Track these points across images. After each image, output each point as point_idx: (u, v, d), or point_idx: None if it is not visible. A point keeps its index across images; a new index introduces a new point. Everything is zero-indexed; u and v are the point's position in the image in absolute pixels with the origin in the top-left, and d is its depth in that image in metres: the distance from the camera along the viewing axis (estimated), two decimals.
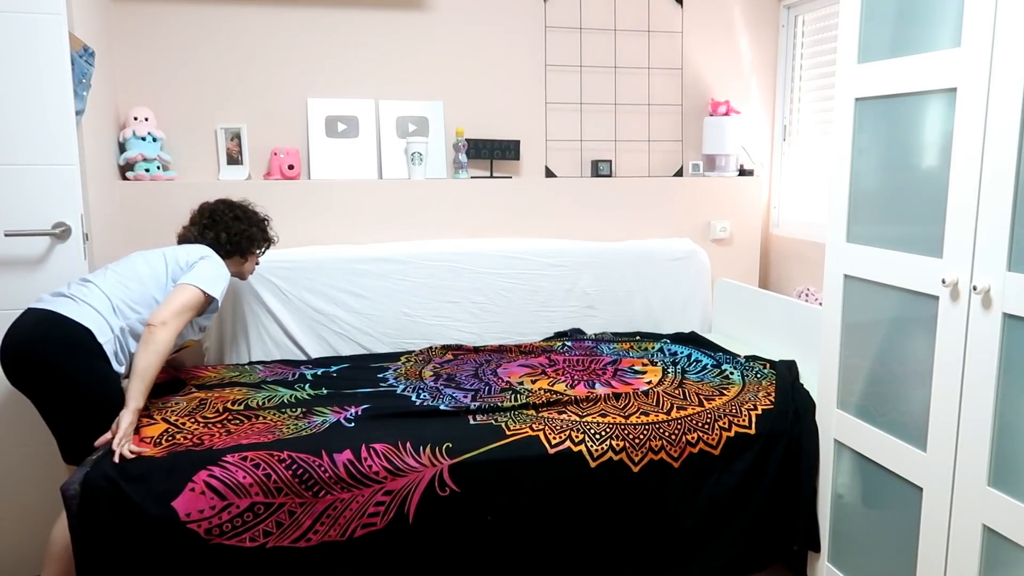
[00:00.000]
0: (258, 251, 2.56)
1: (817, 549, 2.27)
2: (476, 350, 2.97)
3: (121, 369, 2.11)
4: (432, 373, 2.68)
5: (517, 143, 3.33)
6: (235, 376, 2.63)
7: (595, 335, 3.18)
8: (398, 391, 2.48)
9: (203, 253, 2.32)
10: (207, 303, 2.23)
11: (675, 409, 2.31)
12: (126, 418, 1.96)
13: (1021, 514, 1.60)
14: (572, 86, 3.41)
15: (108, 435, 1.95)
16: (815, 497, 2.27)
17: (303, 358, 2.94)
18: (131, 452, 1.91)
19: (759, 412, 2.30)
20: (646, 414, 2.27)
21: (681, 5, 3.47)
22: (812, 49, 3.44)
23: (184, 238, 2.46)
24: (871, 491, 2.07)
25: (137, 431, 2.05)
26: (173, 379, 2.55)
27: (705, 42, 3.52)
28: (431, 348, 2.96)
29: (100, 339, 2.03)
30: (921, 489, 1.86)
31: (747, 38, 3.56)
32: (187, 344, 2.41)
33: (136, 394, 2.01)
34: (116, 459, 1.89)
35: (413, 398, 2.41)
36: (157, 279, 2.23)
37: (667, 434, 2.20)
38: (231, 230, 2.44)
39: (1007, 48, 1.57)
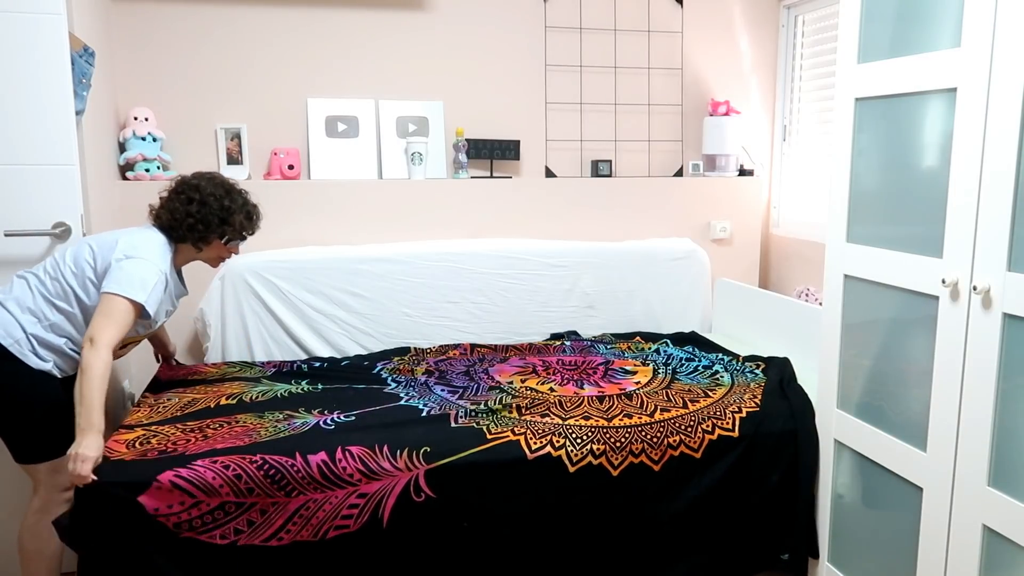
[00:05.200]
0: (221, 241, 2.20)
1: (816, 555, 2.27)
2: (474, 349, 2.97)
3: (46, 365, 2.00)
4: (424, 370, 2.69)
5: (517, 143, 3.33)
6: (236, 372, 2.64)
7: (594, 337, 3.18)
8: (388, 389, 2.48)
9: (131, 250, 2.04)
10: (139, 309, 2.00)
11: (659, 411, 2.29)
12: (75, 445, 1.85)
13: (1021, 514, 1.60)
14: (572, 86, 3.41)
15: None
16: (814, 502, 2.27)
17: (304, 358, 2.94)
18: (88, 474, 1.82)
19: (743, 415, 2.29)
20: (629, 416, 2.26)
21: (681, 5, 3.47)
22: (812, 49, 3.44)
23: (151, 214, 2.22)
24: (871, 491, 2.07)
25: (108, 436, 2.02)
26: (173, 378, 2.55)
27: (705, 42, 3.52)
28: (428, 349, 2.96)
29: (3, 342, 1.95)
30: (921, 489, 1.86)
31: (747, 38, 3.56)
32: (132, 340, 2.18)
33: (82, 420, 1.86)
34: (77, 483, 1.84)
35: (401, 394, 2.42)
36: (80, 273, 2.03)
37: (649, 437, 2.18)
38: (177, 215, 2.13)
39: (1007, 48, 1.57)
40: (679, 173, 3.56)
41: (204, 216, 2.13)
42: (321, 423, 2.17)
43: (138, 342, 2.25)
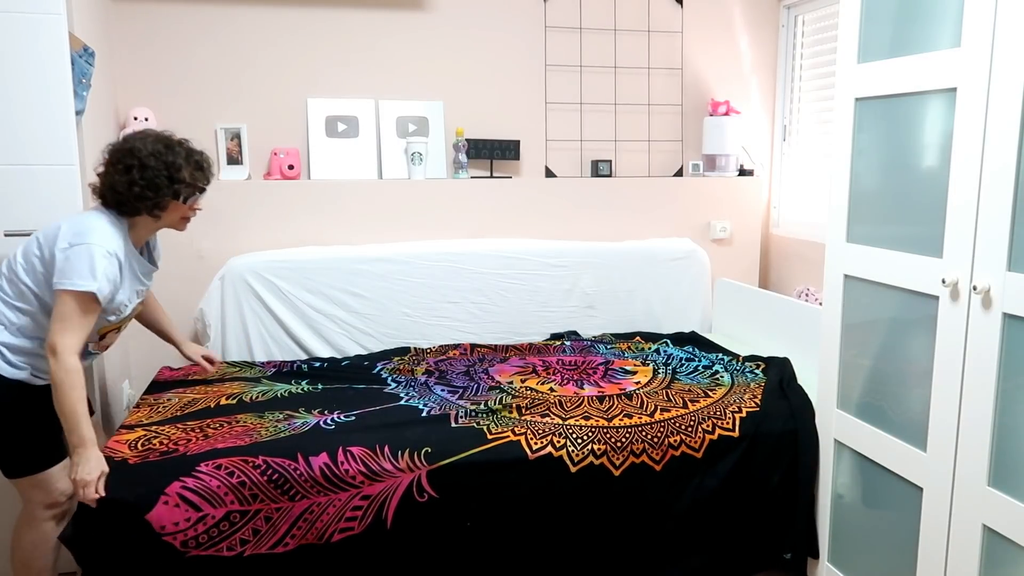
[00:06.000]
0: (178, 201, 1.96)
1: (816, 555, 2.27)
2: (474, 349, 2.97)
3: (21, 373, 1.88)
4: (424, 370, 2.69)
5: (517, 143, 3.33)
6: (236, 372, 2.64)
7: (594, 337, 3.18)
8: (388, 389, 2.48)
9: (73, 236, 1.84)
10: (93, 298, 1.82)
11: (659, 411, 2.29)
12: (73, 468, 1.80)
13: (1021, 514, 1.60)
14: (572, 86, 3.41)
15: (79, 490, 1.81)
16: (814, 502, 2.27)
17: (304, 358, 2.94)
18: (96, 495, 1.80)
19: (743, 415, 2.29)
20: (629, 416, 2.26)
21: (681, 5, 3.47)
22: (812, 49, 3.44)
23: (95, 194, 2.01)
24: (871, 491, 2.07)
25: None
26: (172, 378, 2.55)
27: (705, 42, 3.52)
28: (428, 349, 2.97)
29: None
30: (921, 489, 1.86)
31: (747, 38, 3.56)
32: (109, 329, 2.01)
33: (72, 437, 1.79)
34: (92, 503, 1.81)
35: (401, 394, 2.42)
36: (31, 268, 1.89)
37: (649, 437, 2.18)
38: (120, 187, 1.90)
39: (1007, 48, 1.57)
40: (679, 173, 3.56)
41: (150, 180, 1.89)
42: (321, 423, 2.17)
43: (118, 329, 2.06)
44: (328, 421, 2.18)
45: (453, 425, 2.18)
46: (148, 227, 2.00)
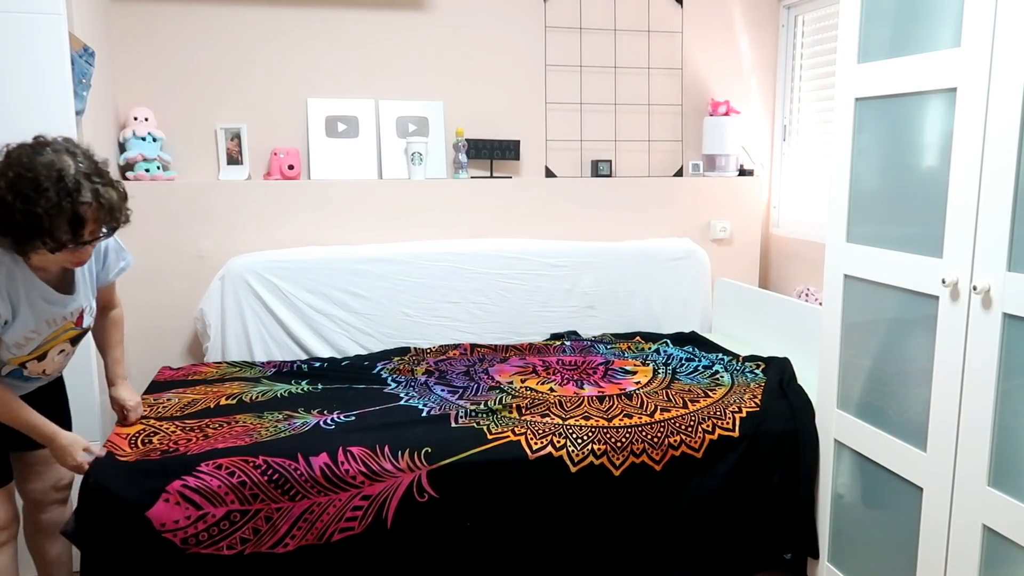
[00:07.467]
0: (46, 250, 1.60)
1: (816, 555, 2.27)
2: (474, 349, 2.97)
3: None
4: (424, 370, 2.69)
5: (517, 143, 3.33)
6: (236, 372, 2.64)
7: (594, 337, 3.18)
8: (388, 389, 2.48)
9: None
10: None
11: (659, 411, 2.29)
12: (57, 460, 1.84)
13: (1021, 514, 1.60)
14: (572, 86, 3.41)
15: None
16: (814, 502, 2.27)
17: (304, 358, 2.94)
18: (87, 465, 1.85)
19: (743, 415, 2.29)
20: (629, 416, 2.26)
21: (681, 5, 3.47)
22: (812, 49, 3.44)
23: None
24: (871, 491, 2.07)
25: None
26: (173, 379, 2.55)
27: (705, 42, 3.52)
28: (428, 349, 2.97)
29: None
30: (921, 489, 1.86)
31: (747, 38, 3.56)
32: (20, 360, 1.79)
33: (36, 439, 1.79)
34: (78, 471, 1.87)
35: (401, 394, 2.42)
36: None
37: (649, 437, 2.18)
38: None
39: (1007, 48, 1.57)
40: (679, 173, 3.56)
41: (4, 220, 1.55)
42: (321, 423, 2.17)
43: (38, 359, 1.81)
44: (328, 421, 2.18)
45: (453, 425, 2.18)
46: (35, 257, 1.68)
